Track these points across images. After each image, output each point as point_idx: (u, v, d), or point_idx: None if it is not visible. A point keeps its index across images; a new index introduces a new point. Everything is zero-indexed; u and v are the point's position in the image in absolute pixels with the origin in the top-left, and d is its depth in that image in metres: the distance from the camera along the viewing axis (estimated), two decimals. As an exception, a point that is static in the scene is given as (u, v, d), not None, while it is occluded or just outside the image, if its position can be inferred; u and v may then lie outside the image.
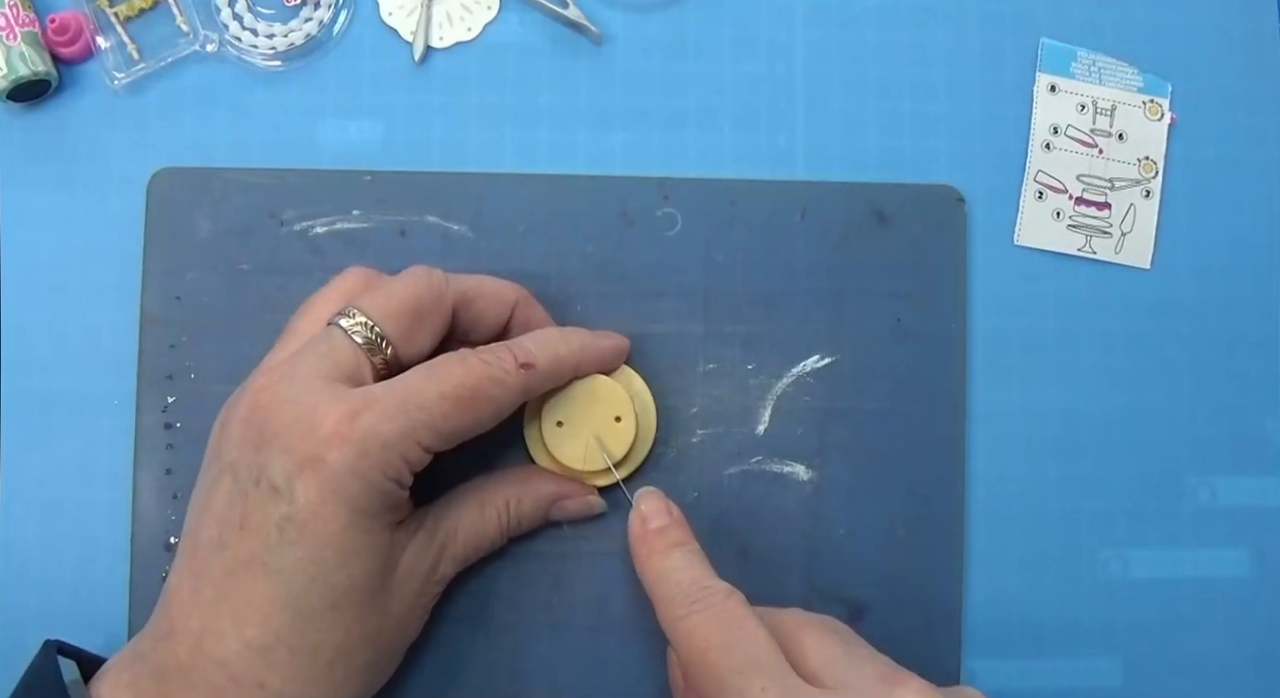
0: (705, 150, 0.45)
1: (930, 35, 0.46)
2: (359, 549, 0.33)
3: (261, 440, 0.33)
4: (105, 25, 0.43)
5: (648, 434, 0.41)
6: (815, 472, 0.43)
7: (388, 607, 0.35)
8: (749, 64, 0.45)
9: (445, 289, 0.37)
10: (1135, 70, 0.46)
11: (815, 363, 0.43)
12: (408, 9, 0.45)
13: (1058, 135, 0.45)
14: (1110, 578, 0.44)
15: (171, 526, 0.41)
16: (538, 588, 0.41)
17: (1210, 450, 0.44)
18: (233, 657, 0.32)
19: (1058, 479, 0.44)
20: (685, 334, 0.43)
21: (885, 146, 0.45)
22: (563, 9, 0.44)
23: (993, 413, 0.44)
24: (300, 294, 0.42)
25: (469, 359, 0.35)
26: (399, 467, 0.33)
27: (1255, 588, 0.44)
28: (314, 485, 0.32)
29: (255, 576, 0.32)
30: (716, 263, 0.43)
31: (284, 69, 0.44)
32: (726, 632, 0.33)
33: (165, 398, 0.42)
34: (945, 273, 0.44)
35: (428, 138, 0.44)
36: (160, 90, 0.44)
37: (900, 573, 0.42)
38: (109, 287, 0.43)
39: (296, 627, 0.32)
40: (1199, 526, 0.44)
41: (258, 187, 0.43)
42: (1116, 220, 0.45)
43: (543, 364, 0.36)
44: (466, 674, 0.41)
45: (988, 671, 0.43)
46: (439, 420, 0.33)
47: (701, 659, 0.32)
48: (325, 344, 0.35)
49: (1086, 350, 0.45)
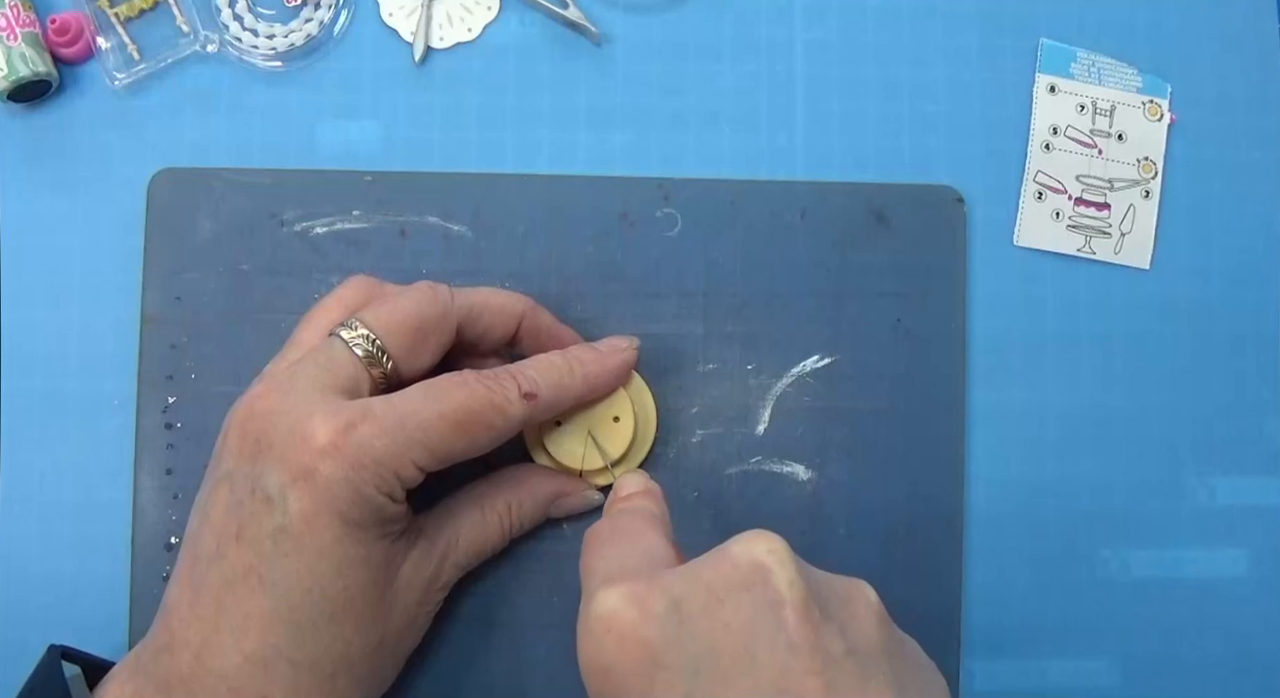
0: (705, 150, 0.45)
1: (930, 35, 0.46)
2: (354, 561, 0.33)
3: (257, 450, 0.33)
4: (106, 26, 0.43)
5: (648, 434, 0.41)
6: (815, 472, 0.43)
7: (389, 617, 0.35)
8: (749, 64, 0.45)
9: (450, 307, 0.37)
10: (1135, 71, 0.46)
11: (815, 363, 0.43)
12: (408, 9, 0.45)
13: (1057, 136, 0.45)
14: (1109, 578, 0.44)
15: (172, 525, 0.41)
16: (538, 588, 0.41)
17: (1210, 450, 0.44)
18: (233, 670, 0.32)
19: (1057, 479, 0.44)
20: (685, 334, 0.43)
21: (885, 147, 0.45)
22: (563, 9, 0.44)
23: (993, 413, 0.44)
24: (300, 294, 0.42)
25: (472, 383, 0.35)
26: (391, 482, 0.33)
27: (1254, 588, 0.44)
28: (306, 497, 0.32)
29: (253, 588, 0.32)
30: (716, 263, 0.43)
31: (284, 69, 0.44)
32: (621, 523, 0.34)
33: (166, 398, 0.42)
34: (945, 273, 0.44)
35: (428, 138, 0.44)
36: (161, 91, 0.44)
37: (899, 573, 0.42)
38: (109, 287, 0.43)
39: (296, 640, 0.32)
40: (1198, 526, 0.44)
41: (258, 187, 0.43)
42: (1116, 221, 0.45)
43: (545, 396, 0.36)
44: (467, 675, 0.41)
45: (987, 671, 0.43)
46: (435, 441, 0.33)
47: (584, 553, 0.33)
48: (325, 355, 0.34)
49: (1086, 350, 0.45)
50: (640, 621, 0.29)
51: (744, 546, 0.30)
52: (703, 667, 0.28)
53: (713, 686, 0.28)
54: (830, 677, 0.28)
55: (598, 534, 0.34)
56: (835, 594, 0.30)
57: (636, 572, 0.31)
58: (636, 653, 0.29)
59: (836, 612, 0.29)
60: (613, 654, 0.29)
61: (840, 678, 0.28)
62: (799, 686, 0.27)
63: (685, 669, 0.28)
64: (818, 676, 0.28)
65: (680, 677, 0.28)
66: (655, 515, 0.35)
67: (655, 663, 0.28)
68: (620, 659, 0.29)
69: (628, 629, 0.29)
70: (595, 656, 0.29)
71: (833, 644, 0.28)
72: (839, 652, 0.28)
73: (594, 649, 0.29)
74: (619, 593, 0.29)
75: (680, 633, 0.29)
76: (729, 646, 0.28)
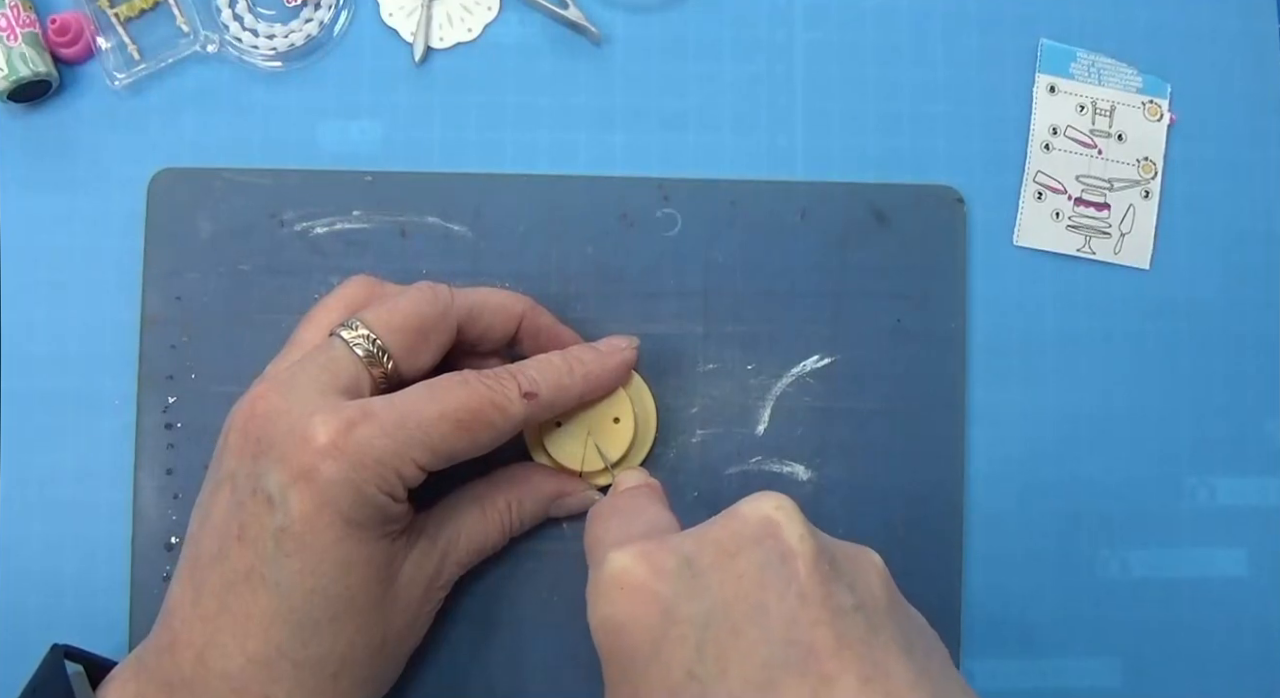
0: (705, 151, 0.45)
1: (930, 36, 0.46)
2: (356, 560, 0.33)
3: (258, 450, 0.33)
4: (106, 26, 0.43)
5: (648, 435, 0.41)
6: (815, 472, 0.43)
7: (390, 616, 0.35)
8: (749, 64, 0.45)
9: (450, 307, 0.37)
10: (1134, 71, 0.46)
11: (815, 363, 0.43)
12: (408, 10, 0.45)
13: (1057, 136, 0.45)
14: (1109, 578, 0.44)
15: (172, 526, 0.41)
16: (538, 588, 0.41)
17: (1209, 450, 0.45)
18: (236, 671, 0.32)
19: (1057, 479, 0.44)
20: (685, 334, 0.43)
21: (885, 147, 0.45)
22: (563, 9, 0.44)
23: (992, 413, 0.44)
24: (301, 294, 0.42)
25: (472, 382, 0.35)
26: (393, 482, 0.33)
27: (1254, 588, 0.44)
28: (307, 497, 0.32)
29: (254, 588, 0.32)
30: (716, 263, 0.43)
31: (284, 69, 0.44)
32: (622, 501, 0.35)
33: (166, 398, 0.42)
34: (945, 273, 0.44)
35: (428, 138, 0.44)
36: (161, 91, 0.44)
37: (899, 573, 0.42)
38: (110, 287, 0.43)
39: (298, 640, 0.32)
40: (1198, 526, 0.44)
41: (258, 187, 0.43)
42: (1116, 221, 0.45)
43: (545, 395, 0.36)
44: (467, 675, 0.41)
45: (987, 670, 0.43)
46: (436, 440, 0.33)
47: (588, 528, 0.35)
48: (326, 355, 0.34)
49: (1086, 350, 0.45)
50: (652, 576, 0.29)
51: (754, 504, 0.30)
52: (714, 619, 0.28)
53: (724, 636, 0.28)
54: (840, 628, 0.28)
55: (601, 512, 0.35)
56: (843, 554, 0.31)
57: (645, 537, 0.31)
58: (649, 608, 0.29)
59: (846, 569, 0.30)
60: (625, 611, 0.29)
61: (850, 630, 0.28)
62: (809, 635, 0.28)
63: (696, 622, 0.29)
64: (827, 626, 0.28)
65: (692, 629, 0.28)
66: (661, 493, 0.36)
67: (668, 617, 0.29)
68: (633, 615, 0.29)
69: (640, 585, 0.29)
70: (608, 613, 0.30)
71: (843, 598, 0.29)
72: (848, 605, 0.29)
73: (607, 607, 0.30)
74: (631, 552, 0.30)
75: (692, 587, 0.29)
76: (740, 597, 0.29)
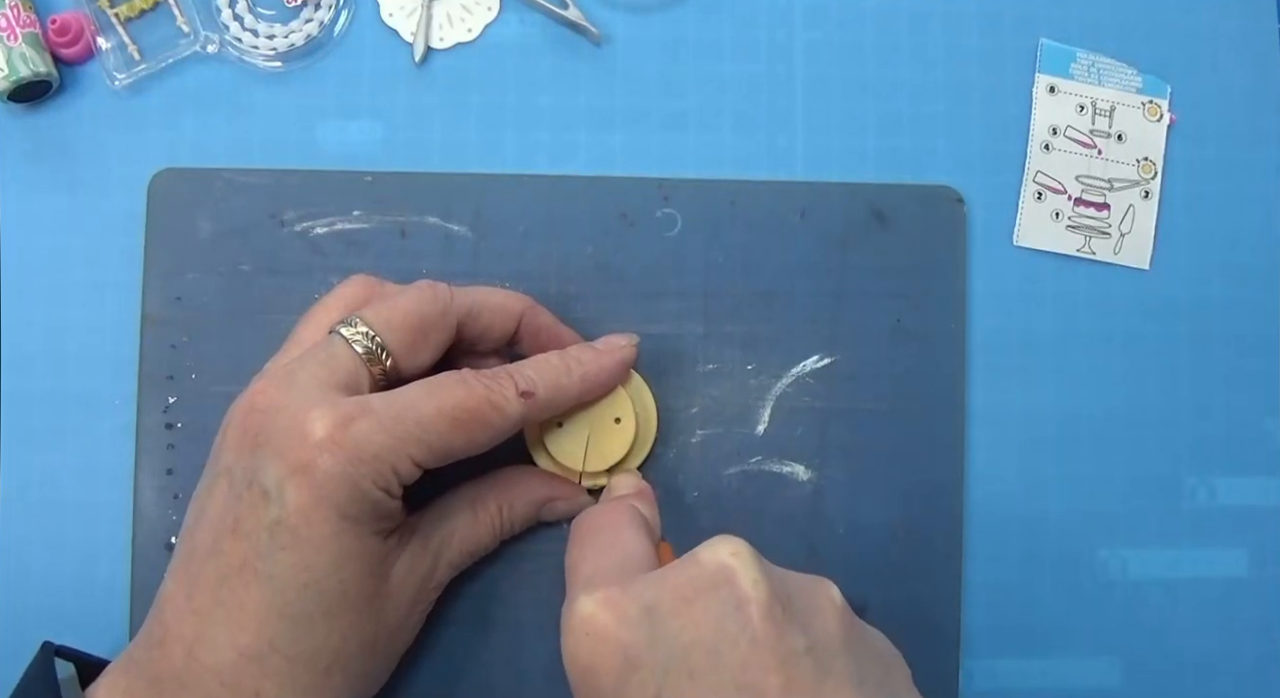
0: (705, 151, 0.45)
1: (929, 36, 0.46)
2: (350, 555, 0.33)
3: (256, 445, 0.33)
4: (106, 26, 0.43)
5: (648, 435, 0.41)
6: (815, 472, 0.43)
7: (383, 614, 0.35)
8: (749, 64, 0.45)
9: (450, 305, 0.37)
10: (1134, 71, 0.46)
11: (815, 363, 0.43)
12: (408, 10, 0.45)
13: (1057, 136, 0.45)
14: (1109, 578, 0.44)
15: (172, 526, 0.41)
16: (537, 588, 0.41)
17: (1209, 450, 0.44)
18: (227, 665, 0.32)
19: (1056, 479, 0.44)
20: (685, 334, 0.43)
21: (884, 147, 0.45)
22: (563, 9, 0.44)
23: (992, 413, 0.44)
24: (301, 295, 0.42)
25: (470, 381, 0.35)
26: (388, 477, 0.33)
27: (1254, 588, 0.44)
28: (304, 490, 0.32)
29: (248, 582, 0.32)
30: (716, 263, 0.43)
31: (284, 70, 0.44)
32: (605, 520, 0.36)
33: (166, 398, 0.42)
34: (945, 273, 0.44)
35: (428, 138, 0.44)
36: (161, 91, 0.44)
37: (899, 573, 0.42)
38: (110, 287, 0.43)
39: (291, 634, 0.32)
40: (1198, 526, 0.44)
41: (258, 187, 0.43)
42: (1115, 221, 0.45)
43: (543, 395, 0.36)
44: (466, 675, 0.41)
45: (986, 670, 0.43)
46: (433, 438, 0.33)
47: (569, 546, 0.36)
48: (325, 352, 0.35)
49: (1086, 351, 0.45)
50: (615, 625, 0.30)
51: (710, 550, 0.31)
52: (673, 664, 0.30)
53: (681, 681, 0.29)
54: (790, 673, 0.29)
55: (581, 531, 0.36)
56: (799, 592, 0.31)
57: (613, 576, 0.32)
58: (613, 655, 0.30)
59: (800, 609, 0.30)
60: (591, 657, 0.31)
61: (799, 674, 0.29)
62: (760, 681, 0.29)
63: (657, 668, 0.30)
64: (777, 672, 0.29)
65: (652, 675, 0.30)
66: (640, 515, 0.36)
67: (630, 664, 0.30)
68: (598, 661, 0.30)
69: (604, 633, 0.30)
70: (576, 654, 0.31)
71: (795, 641, 0.29)
72: (800, 648, 0.29)
73: (575, 648, 0.31)
74: (595, 600, 0.31)
75: (653, 635, 0.30)
76: (697, 643, 0.30)
